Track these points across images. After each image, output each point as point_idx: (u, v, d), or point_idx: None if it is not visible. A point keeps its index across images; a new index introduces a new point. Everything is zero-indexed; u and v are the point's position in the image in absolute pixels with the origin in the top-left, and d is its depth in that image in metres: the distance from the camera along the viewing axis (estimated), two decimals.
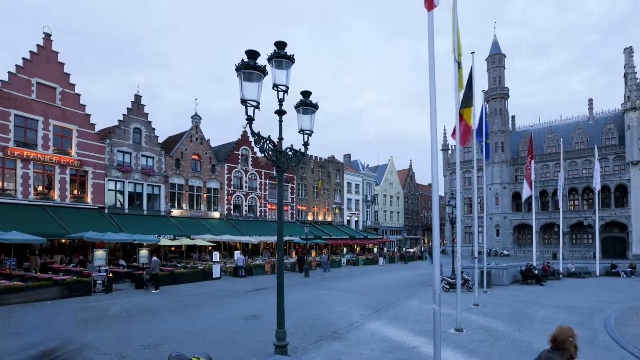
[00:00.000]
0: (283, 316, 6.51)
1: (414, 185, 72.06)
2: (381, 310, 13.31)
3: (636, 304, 14.15)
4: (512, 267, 21.85)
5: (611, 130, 48.26)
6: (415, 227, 71.28)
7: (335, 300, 15.71)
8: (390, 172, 64.04)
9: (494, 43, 55.15)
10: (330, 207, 48.12)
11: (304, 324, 11.16)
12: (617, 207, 45.33)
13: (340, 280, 23.63)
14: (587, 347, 8.63)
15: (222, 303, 15.07)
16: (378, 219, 59.63)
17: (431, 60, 6.32)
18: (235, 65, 5.75)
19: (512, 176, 54.15)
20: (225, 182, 36.23)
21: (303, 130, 6.75)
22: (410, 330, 10.29)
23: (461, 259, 12.85)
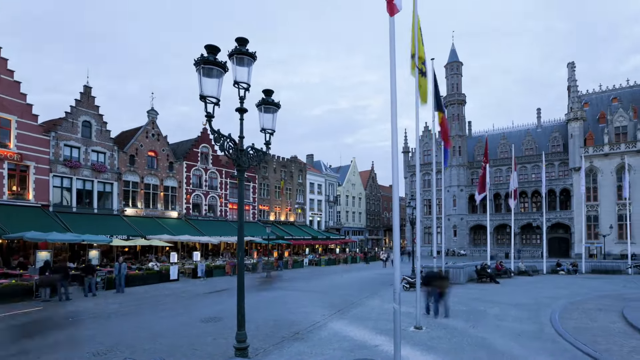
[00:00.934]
0: (243, 318, 6.41)
1: (375, 187, 73.62)
2: (343, 310, 13.46)
3: (577, 299, 15.35)
4: (468, 266, 22.92)
5: (556, 138, 52.03)
6: (377, 227, 72.84)
7: (298, 300, 15.70)
8: (352, 173, 65.01)
9: (452, 51, 57.67)
10: (293, 208, 48.04)
11: (265, 325, 11.05)
12: (561, 210, 48.93)
13: (302, 281, 23.64)
14: (535, 341, 9.25)
15: (180, 305, 14.58)
16: (340, 220, 60.32)
17: (392, 65, 6.49)
18: (194, 60, 5.60)
19: (469, 179, 56.83)
20: (183, 180, 35.06)
21: (265, 129, 6.69)
22: (371, 329, 10.49)
23: (421, 259, 13.30)
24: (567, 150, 48.54)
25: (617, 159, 43.84)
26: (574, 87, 48.13)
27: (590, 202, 44.92)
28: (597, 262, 31.09)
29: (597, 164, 45.15)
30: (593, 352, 8.14)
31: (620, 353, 8.16)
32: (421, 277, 12.12)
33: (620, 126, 45.25)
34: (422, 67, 10.28)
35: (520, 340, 9.29)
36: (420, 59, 10.14)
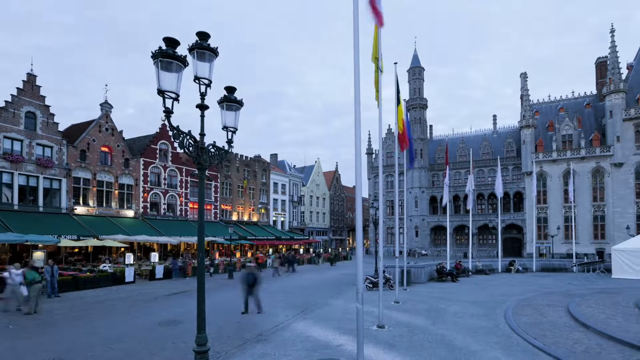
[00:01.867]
0: (204, 320, 6.24)
1: (340, 187, 74.40)
2: (307, 310, 13.50)
3: (529, 296, 16.34)
4: (429, 265, 23.75)
5: (511, 144, 55.19)
6: (341, 228, 73.64)
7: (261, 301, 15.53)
8: (317, 173, 65.31)
9: (414, 56, 59.46)
10: (256, 207, 47.49)
11: (228, 327, 10.85)
12: (515, 212, 51.90)
13: (264, 282, 23.39)
14: (491, 336, 9.74)
15: (137, 309, 13.98)
16: (304, 220, 60.39)
17: (356, 66, 6.59)
18: (152, 53, 5.39)
19: (430, 181, 58.88)
20: (140, 178, 33.62)
21: (227, 127, 6.56)
22: (335, 329, 10.60)
23: (383, 259, 13.61)
24: (520, 155, 51.57)
25: (563, 165, 47.15)
26: (526, 96, 51.25)
27: (540, 205, 47.96)
28: (546, 261, 33.29)
29: (546, 169, 48.33)
30: (542, 346, 8.70)
31: (565, 345, 8.78)
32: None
33: (566, 134, 48.73)
34: (378, 62, 10.20)
35: (477, 336, 9.75)
36: (376, 59, 10.21)
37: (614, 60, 44.99)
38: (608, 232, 44.54)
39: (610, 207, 44.78)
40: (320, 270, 32.45)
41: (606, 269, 26.05)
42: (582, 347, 8.68)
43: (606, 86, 45.19)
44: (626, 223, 42.61)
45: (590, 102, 50.89)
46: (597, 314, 11.82)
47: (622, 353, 8.16)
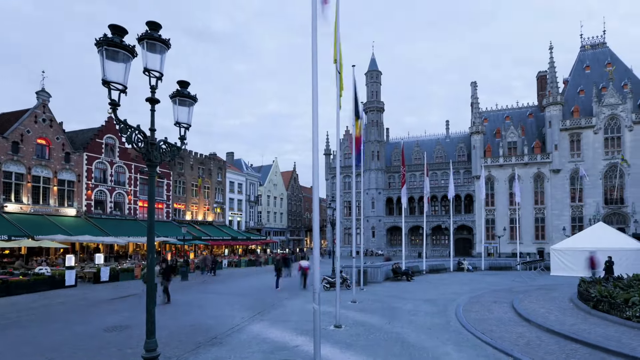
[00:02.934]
0: (154, 324, 5.96)
1: (297, 187, 74.38)
2: (263, 311, 13.33)
3: (477, 294, 17.27)
4: (385, 265, 24.37)
5: (462, 149, 58.23)
6: (299, 228, 73.63)
7: (216, 303, 15.14)
8: (274, 173, 64.84)
9: (372, 60, 60.95)
10: (212, 207, 46.22)
11: (180, 331, 10.44)
12: (466, 213, 54.72)
13: (221, 283, 22.88)
14: (443, 333, 10.17)
15: (78, 315, 13.05)
16: (261, 220, 59.71)
17: (314, 68, 6.63)
18: (96, 40, 5.08)
19: (386, 183, 60.53)
20: (84, 173, 31.49)
21: (180, 123, 6.32)
22: (292, 329, 10.55)
23: (340, 259, 13.77)
24: (471, 159, 54.48)
25: (509, 170, 50.46)
26: (476, 104, 54.34)
27: (488, 207, 50.95)
28: (494, 260, 35.41)
29: (494, 173, 51.44)
30: (489, 340, 9.22)
31: (510, 339, 9.38)
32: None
33: (511, 141, 52.22)
34: (341, 71, 10.38)
35: (430, 333, 10.14)
36: (336, 60, 10.32)
37: (552, 75, 48.92)
38: (547, 233, 48.23)
39: (549, 210, 48.56)
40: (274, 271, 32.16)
41: (546, 267, 28.14)
42: (524, 340, 9.30)
43: (546, 98, 49.01)
44: (563, 225, 46.54)
45: (532, 112, 54.84)
46: (538, 309, 12.72)
47: (558, 344, 8.86)
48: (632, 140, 45.35)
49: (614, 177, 45.81)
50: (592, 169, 46.51)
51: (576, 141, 47.86)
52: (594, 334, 9.37)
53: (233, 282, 23.74)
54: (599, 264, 18.99)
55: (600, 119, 46.48)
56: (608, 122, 46.48)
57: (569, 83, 51.52)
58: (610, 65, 49.11)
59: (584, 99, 48.98)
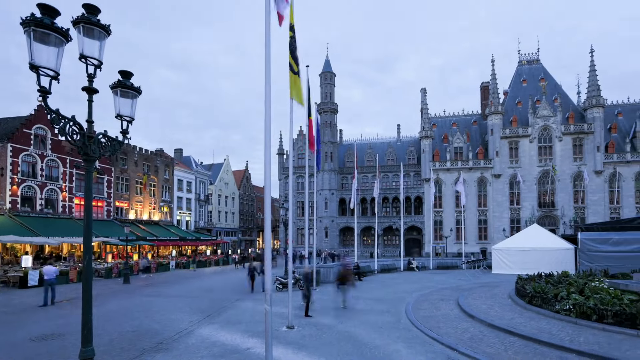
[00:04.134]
0: (91, 331, 5.54)
1: (250, 187, 73.22)
2: (213, 314, 12.95)
3: (426, 292, 18.02)
4: (337, 265, 24.65)
5: (412, 152, 60.65)
6: (251, 228, 72.49)
7: (162, 307, 14.45)
8: (225, 171, 63.29)
9: (326, 62, 61.60)
10: (158, 205, 44.11)
11: (122, 337, 9.82)
12: (416, 215, 56.96)
13: (168, 285, 21.91)
14: (394, 331, 10.48)
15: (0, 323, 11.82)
16: (212, 220, 58.03)
17: (267, 65, 6.56)
18: (22, 19, 4.63)
19: (340, 183, 61.40)
20: (8, 167, 28.63)
21: (121, 116, 5.93)
22: (243, 332, 10.35)
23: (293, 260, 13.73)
24: (421, 162, 56.87)
25: (455, 173, 53.30)
26: (425, 110, 56.91)
27: (437, 209, 53.45)
28: (441, 260, 37.20)
29: (442, 176, 54.10)
30: (437, 336, 9.66)
31: (455, 334, 9.88)
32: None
33: (457, 147, 55.28)
34: (295, 66, 9.96)
35: (381, 331, 10.41)
36: (293, 60, 10.07)
37: (494, 86, 52.59)
38: (490, 234, 51.57)
39: (491, 212, 51.98)
40: (227, 272, 31.46)
41: (488, 266, 30.03)
42: (468, 335, 9.84)
43: (488, 108, 52.49)
44: (503, 226, 50.07)
45: (476, 120, 58.39)
46: (480, 305, 13.54)
47: (498, 337, 9.49)
48: (561, 150, 49.97)
49: (546, 183, 50.20)
50: (528, 175, 50.60)
51: (514, 148, 51.72)
52: (529, 327, 10.14)
53: (181, 284, 22.82)
54: None
55: (535, 129, 50.65)
56: (541, 132, 50.78)
57: (509, 94, 55.55)
58: (544, 81, 53.73)
59: (521, 110, 53.02)
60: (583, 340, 8.79)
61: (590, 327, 9.77)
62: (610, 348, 8.15)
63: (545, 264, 20.95)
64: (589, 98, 50.04)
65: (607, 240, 21.87)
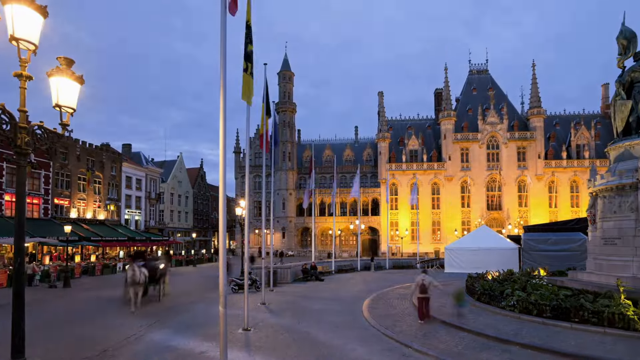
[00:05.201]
0: (23, 340, 5.07)
1: (204, 186, 71.25)
2: (165, 318, 12.43)
3: (383, 291, 18.43)
4: (296, 266, 24.66)
5: (370, 154, 62.12)
6: (206, 228, 70.53)
7: (109, 311, 13.67)
8: (179, 169, 61.05)
9: (284, 60, 61.44)
10: (104, 204, 41.63)
11: (60, 346, 9.16)
12: (373, 215, 58.29)
13: (115, 288, 20.69)
14: (351, 330, 10.64)
15: None
16: (164, 219, 55.72)
17: (223, 61, 6.45)
18: None
19: (298, 183, 61.46)
20: None
21: (60, 106, 5.47)
22: (197, 335, 10.04)
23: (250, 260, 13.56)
24: (377, 164, 58.32)
25: (410, 175, 55.28)
26: (382, 113, 58.51)
27: (393, 210, 54.99)
28: (397, 260, 38.32)
29: (398, 178, 55.83)
30: (392, 334, 9.93)
31: (410, 332, 10.22)
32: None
33: (413, 150, 57.38)
34: (247, 65, 9.36)
35: (338, 331, 10.53)
36: (248, 57, 9.44)
37: (446, 93, 55.34)
38: (443, 234, 53.97)
39: (444, 213, 54.42)
40: (181, 274, 30.34)
41: (441, 265, 31.33)
42: (422, 332, 10.22)
43: (441, 113, 55.09)
44: (454, 227, 52.53)
45: (430, 125, 60.87)
46: (434, 303, 14.04)
47: (450, 334, 9.95)
48: (507, 155, 53.59)
49: (494, 186, 53.52)
50: (478, 178, 53.63)
51: (465, 153, 54.58)
52: (478, 322, 10.72)
53: None
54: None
55: (484, 135, 53.85)
56: (490, 138, 54.08)
57: (460, 101, 58.56)
58: (492, 90, 57.20)
59: (471, 117, 56.03)
60: (525, 333, 9.44)
61: (532, 321, 10.50)
62: (549, 340, 8.82)
63: (493, 263, 22.20)
64: (531, 108, 54.16)
65: (546, 241, 23.69)
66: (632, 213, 11.95)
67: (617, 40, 13.70)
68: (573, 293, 11.17)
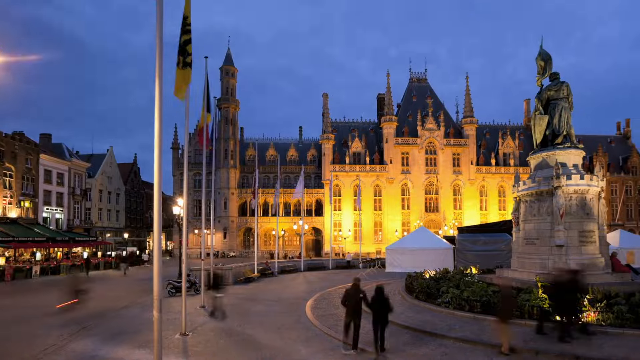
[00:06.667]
0: None
1: (138, 182, 67.16)
2: (91, 325, 11.50)
3: (326, 291, 18.62)
4: (238, 267, 24.12)
5: (314, 155, 62.76)
6: (140, 228, 66.47)
7: (23, 319, 12.33)
8: (109, 164, 56.75)
9: (227, 55, 60.00)
10: (17, 200, 37.46)
11: None
12: (316, 216, 58.81)
13: (31, 294, 18.77)
14: (293, 331, 10.63)
15: None
16: (91, 218, 51.49)
17: (159, 50, 6.18)
18: None
19: (240, 182, 60.23)
20: None
21: None
22: (129, 343, 9.45)
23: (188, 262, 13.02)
24: (321, 165, 59.04)
25: (353, 177, 56.72)
26: (327, 114, 59.41)
27: (336, 211, 55.95)
28: (340, 260, 38.98)
29: (341, 179, 56.97)
30: (335, 333, 10.08)
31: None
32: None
33: (356, 152, 58.95)
34: (183, 57, 8.73)
35: (281, 332, 10.47)
36: (186, 49, 8.87)
37: (388, 98, 57.80)
38: (384, 235, 56.01)
39: (385, 214, 56.54)
40: (107, 277, 28.30)
41: (382, 265, 32.38)
42: (364, 330, 10.46)
43: (384, 117, 57.30)
44: (395, 227, 54.76)
45: (373, 128, 62.90)
46: None
47: (390, 331, 10.27)
48: (443, 160, 57.28)
49: (432, 189, 56.78)
50: (417, 181, 56.55)
51: (406, 157, 57.32)
52: (416, 319, 11.27)
53: (49, 292, 19.71)
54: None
55: (423, 140, 57.05)
56: (428, 143, 57.39)
57: (402, 107, 61.40)
58: (430, 99, 60.70)
59: (411, 122, 58.91)
60: (458, 327, 10.11)
61: (464, 317, 11.25)
62: (479, 333, 9.54)
63: (430, 262, 23.42)
64: (465, 117, 58.38)
65: (478, 241, 25.58)
66: (548, 216, 13.27)
67: (536, 61, 15.20)
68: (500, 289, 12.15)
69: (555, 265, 12.79)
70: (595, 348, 8.24)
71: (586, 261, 12.78)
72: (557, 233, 12.87)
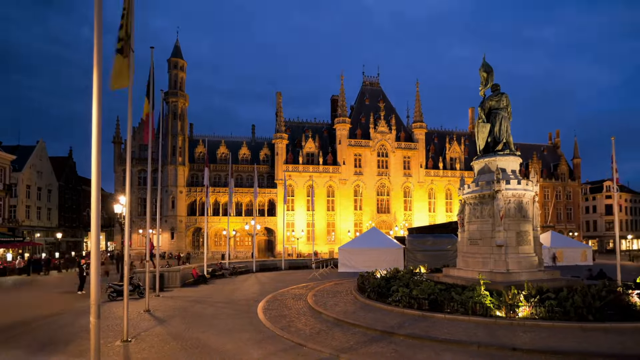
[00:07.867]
0: None
1: (75, 178, 62.58)
2: (15, 335, 10.53)
3: (278, 292, 18.43)
4: (186, 268, 23.25)
5: (267, 154, 62.15)
6: (76, 227, 61.92)
7: None
8: (39, 157, 52.16)
9: (175, 47, 57.58)
10: None
11: None
12: (269, 216, 58.19)
13: None
14: (244, 333, 10.43)
15: None
16: (17, 217, 47.07)
17: (98, 33, 5.90)
18: None
19: (190, 181, 58.16)
20: None
21: None
22: (60, 353, 8.79)
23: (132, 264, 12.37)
24: (274, 164, 58.62)
25: (307, 177, 56.92)
26: (280, 113, 59.22)
27: (289, 211, 55.81)
28: (293, 260, 38.86)
29: (294, 179, 56.93)
30: (288, 335, 10.05)
31: (304, 330, 10.49)
32: None
33: (310, 152, 59.24)
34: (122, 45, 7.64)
35: (232, 335, 10.24)
36: (125, 36, 7.79)
37: (342, 100, 58.75)
38: (337, 235, 56.70)
39: (338, 215, 57.31)
40: (36, 282, 26.09)
41: (335, 265, 32.72)
42: (316, 329, 10.57)
43: (337, 119, 58.17)
44: (348, 228, 55.65)
45: (327, 129, 63.61)
46: (328, 302, 14.69)
47: (342, 330, 10.49)
48: (395, 163, 59.26)
49: (384, 191, 58.46)
50: (369, 183, 57.96)
51: (359, 158, 58.55)
52: (367, 318, 11.53)
53: None
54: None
55: (375, 142, 58.66)
56: (380, 146, 59.09)
57: (355, 109, 62.70)
58: (382, 102, 62.54)
59: (364, 125, 60.32)
60: (408, 325, 10.49)
61: (413, 314, 11.71)
62: (427, 329, 9.99)
63: (382, 262, 24.09)
64: (415, 122, 60.80)
65: (426, 241, 26.70)
66: (490, 218, 14.18)
67: (479, 72, 16.23)
68: (446, 287, 12.76)
69: (495, 264, 13.70)
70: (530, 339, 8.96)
71: (522, 260, 13.82)
72: (497, 234, 13.78)
